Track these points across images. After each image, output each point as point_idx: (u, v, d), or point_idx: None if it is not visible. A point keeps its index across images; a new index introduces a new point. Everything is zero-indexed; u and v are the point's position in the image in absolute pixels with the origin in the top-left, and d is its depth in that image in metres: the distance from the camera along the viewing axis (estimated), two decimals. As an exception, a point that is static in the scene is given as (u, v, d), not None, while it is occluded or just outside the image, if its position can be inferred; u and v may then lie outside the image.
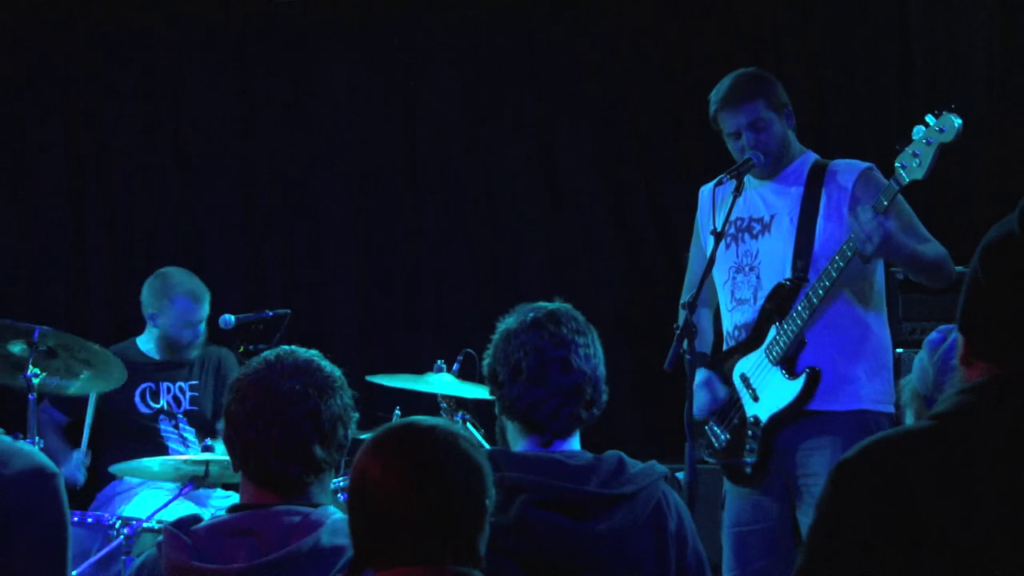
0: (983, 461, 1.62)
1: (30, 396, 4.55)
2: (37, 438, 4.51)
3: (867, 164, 4.13)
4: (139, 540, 4.37)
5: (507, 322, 2.75)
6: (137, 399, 5.32)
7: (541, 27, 6.89)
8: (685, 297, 4.15)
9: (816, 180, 4.11)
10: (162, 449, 5.25)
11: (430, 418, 2.22)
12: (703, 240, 4.30)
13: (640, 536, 2.62)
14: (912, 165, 3.80)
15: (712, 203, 4.04)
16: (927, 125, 3.79)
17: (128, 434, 5.27)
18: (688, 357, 3.80)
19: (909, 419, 3.40)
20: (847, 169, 4.12)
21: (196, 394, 5.42)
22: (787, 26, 6.87)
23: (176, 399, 5.38)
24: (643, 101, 6.90)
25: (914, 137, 3.81)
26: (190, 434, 5.35)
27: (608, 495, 2.60)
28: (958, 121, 3.76)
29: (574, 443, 2.73)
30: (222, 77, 6.67)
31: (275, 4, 6.63)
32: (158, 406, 5.34)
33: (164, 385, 5.37)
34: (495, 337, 2.75)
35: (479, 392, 4.91)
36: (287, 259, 6.69)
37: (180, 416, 5.36)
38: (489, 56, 6.86)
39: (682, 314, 3.90)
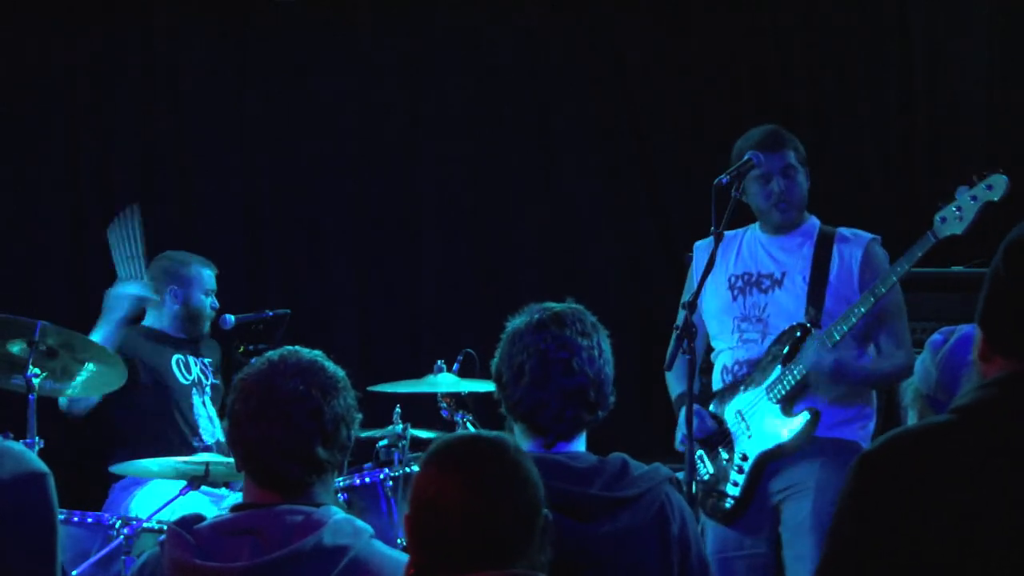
0: (1003, 455, 1.64)
1: (30, 396, 4.55)
2: (37, 438, 4.51)
3: (872, 235, 4.25)
4: (139, 540, 4.37)
5: (514, 323, 2.76)
6: (175, 368, 5.30)
7: (541, 28, 6.89)
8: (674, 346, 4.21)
9: (825, 244, 4.22)
10: (192, 428, 5.21)
11: (484, 432, 2.29)
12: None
13: (643, 539, 2.62)
14: (953, 219, 3.85)
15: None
16: (972, 184, 3.82)
17: (162, 407, 5.22)
18: (688, 357, 3.81)
19: (911, 419, 3.40)
20: (855, 238, 4.24)
21: (214, 369, 5.43)
22: (787, 27, 6.87)
23: (204, 372, 5.39)
24: (643, 101, 6.90)
25: (956, 196, 3.84)
26: (213, 412, 5.35)
27: (611, 498, 2.60)
28: (1005, 178, 3.79)
29: (578, 445, 2.73)
30: (222, 77, 6.68)
31: (275, 4, 6.63)
32: (192, 377, 5.34)
33: (191, 358, 5.37)
34: (502, 337, 2.75)
35: (480, 386, 4.91)
36: (287, 259, 6.69)
37: (208, 388, 5.37)
38: (489, 56, 6.86)
39: (682, 314, 3.92)
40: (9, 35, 6.44)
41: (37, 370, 4.57)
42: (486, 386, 4.76)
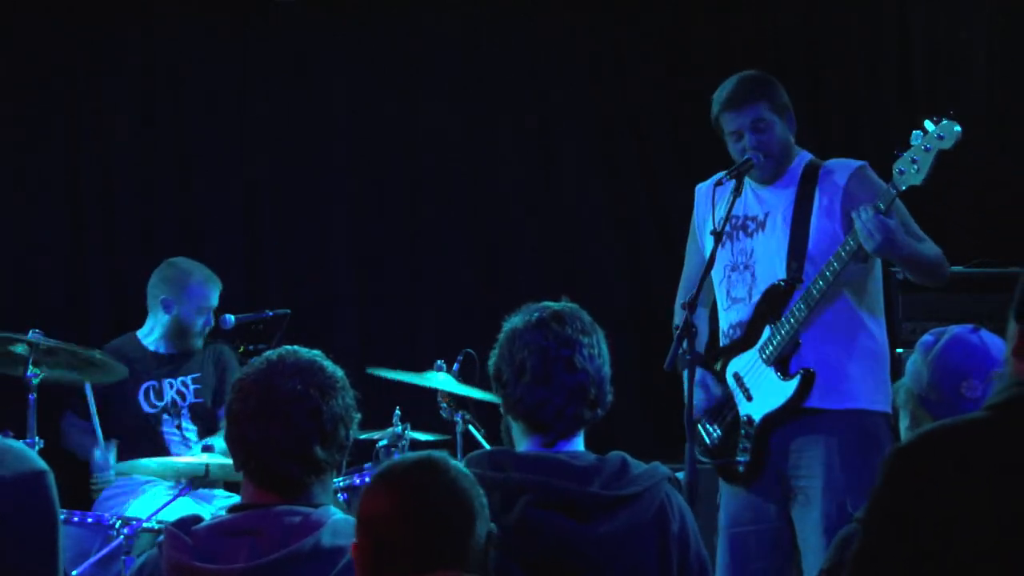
0: None
1: (30, 396, 4.55)
2: (37, 438, 4.51)
3: (860, 162, 4.13)
4: (139, 540, 4.37)
5: (512, 322, 2.75)
6: (141, 398, 5.30)
7: (541, 27, 6.89)
8: (683, 297, 4.15)
9: (810, 179, 4.11)
10: (162, 450, 5.23)
11: (426, 452, 2.35)
12: (700, 239, 4.30)
13: (643, 538, 2.62)
14: (911, 171, 3.81)
15: (712, 202, 4.04)
16: (925, 131, 3.80)
17: (129, 433, 5.25)
18: (688, 357, 3.81)
19: (904, 420, 3.40)
20: (841, 168, 4.12)
21: (199, 386, 5.41)
22: (787, 26, 6.87)
23: (180, 394, 5.38)
24: (643, 101, 6.90)
25: (912, 143, 3.81)
26: (192, 433, 5.34)
27: (611, 496, 2.60)
28: (957, 127, 3.76)
29: (578, 443, 2.73)
30: (222, 77, 6.68)
31: (275, 4, 6.63)
32: (162, 404, 5.33)
33: (167, 382, 5.36)
34: (500, 337, 2.75)
35: (477, 394, 4.91)
36: (287, 259, 6.69)
37: (184, 411, 5.36)
38: (489, 56, 6.86)
39: (681, 314, 3.91)
40: (9, 35, 6.44)
41: (37, 370, 4.58)
42: (485, 395, 4.75)
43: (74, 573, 4.23)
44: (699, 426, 4.22)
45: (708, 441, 4.21)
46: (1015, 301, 1.77)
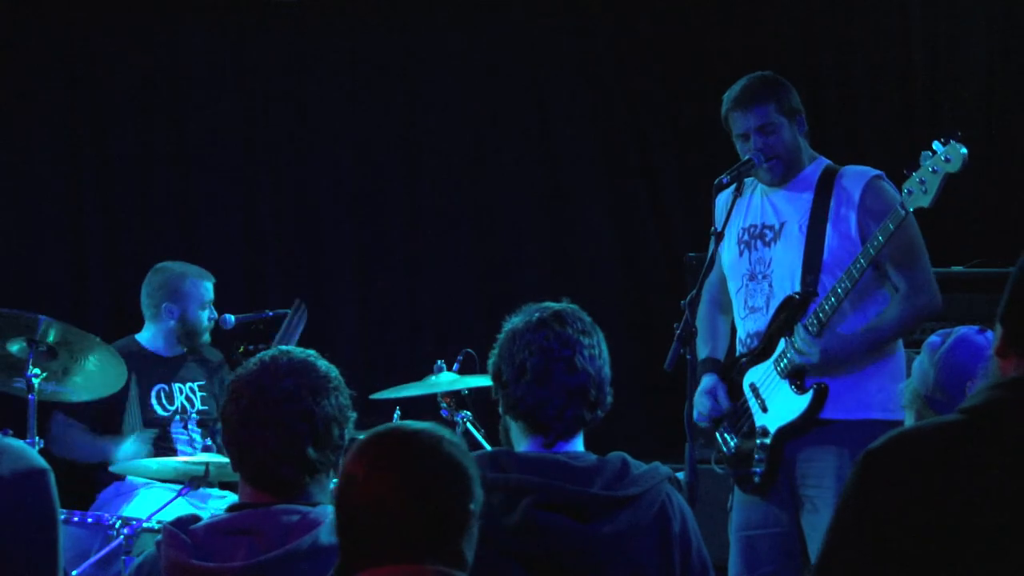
0: (1010, 456, 1.63)
1: (30, 396, 4.54)
2: (37, 438, 4.51)
3: (876, 172, 4.10)
4: (139, 540, 4.37)
5: (513, 322, 2.75)
6: (153, 401, 5.29)
7: (542, 27, 6.90)
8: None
9: (825, 187, 4.08)
10: (172, 452, 5.22)
11: (416, 422, 2.19)
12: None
13: (644, 538, 2.61)
14: (918, 192, 3.80)
15: (714, 206, 4.04)
16: (933, 152, 3.79)
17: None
18: (688, 357, 3.80)
19: (909, 421, 3.40)
20: (855, 177, 4.08)
21: (205, 394, 5.41)
22: (788, 29, 6.87)
23: (189, 400, 5.37)
24: (643, 101, 6.90)
25: (921, 163, 3.80)
26: (198, 435, 5.34)
27: (612, 497, 2.60)
28: (963, 150, 3.75)
29: (577, 444, 2.73)
30: (222, 77, 6.68)
31: (275, 4, 6.64)
32: (173, 408, 5.32)
33: (176, 386, 5.36)
34: (501, 336, 2.75)
35: (481, 382, 4.89)
36: (287, 259, 6.70)
37: (192, 417, 5.35)
38: (489, 56, 6.86)
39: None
40: (9, 35, 6.45)
41: (37, 370, 4.57)
42: (486, 381, 4.75)
43: (74, 573, 4.23)
44: (716, 435, 4.22)
45: (726, 450, 4.20)
46: (1000, 304, 1.77)
